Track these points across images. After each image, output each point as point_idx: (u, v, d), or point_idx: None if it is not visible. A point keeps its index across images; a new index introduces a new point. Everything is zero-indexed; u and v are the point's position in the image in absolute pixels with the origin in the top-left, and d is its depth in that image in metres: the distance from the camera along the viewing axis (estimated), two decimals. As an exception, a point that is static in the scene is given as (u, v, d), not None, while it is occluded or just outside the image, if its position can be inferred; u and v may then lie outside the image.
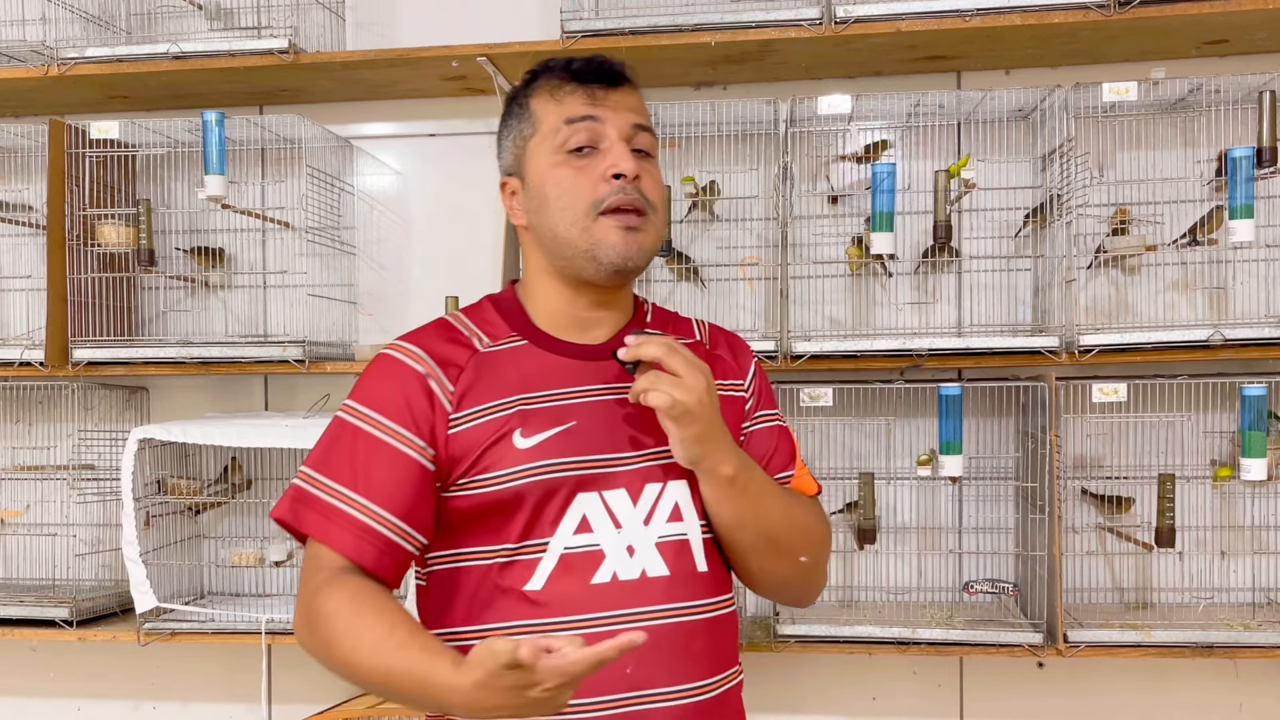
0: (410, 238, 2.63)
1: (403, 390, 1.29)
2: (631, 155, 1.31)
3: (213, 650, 2.62)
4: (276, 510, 1.30)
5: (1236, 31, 2.19)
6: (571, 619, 1.25)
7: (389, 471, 1.27)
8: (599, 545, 1.27)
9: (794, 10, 2.15)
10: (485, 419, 1.29)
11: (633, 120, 1.33)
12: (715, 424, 1.25)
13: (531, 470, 1.26)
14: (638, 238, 1.30)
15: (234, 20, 2.56)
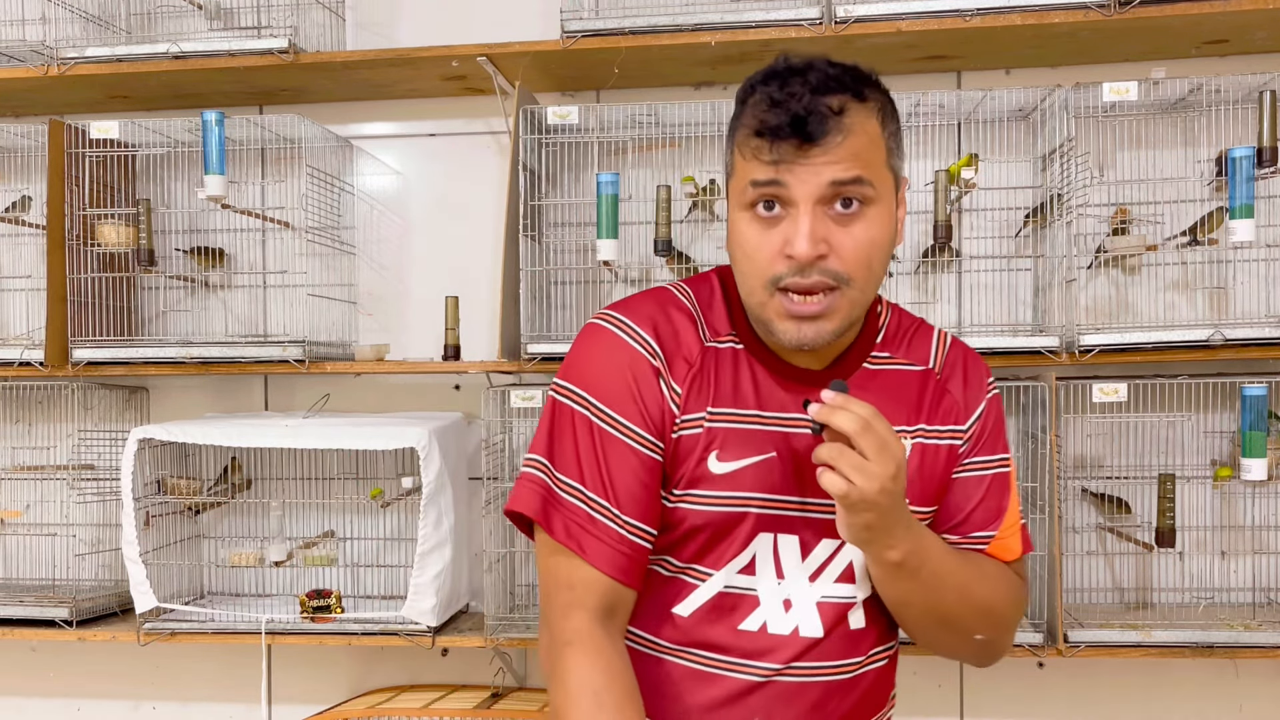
0: (410, 238, 2.63)
1: (635, 382, 1.21)
2: (822, 223, 1.12)
3: (213, 650, 2.62)
4: (516, 504, 1.22)
5: (1236, 31, 2.19)
6: (709, 655, 1.23)
7: (635, 478, 1.19)
8: (756, 591, 1.22)
9: (794, 10, 2.15)
10: (699, 429, 1.21)
11: (830, 178, 1.11)
12: (892, 512, 1.11)
13: (721, 500, 1.20)
14: (816, 325, 1.15)
15: (234, 20, 2.56)
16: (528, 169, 2.32)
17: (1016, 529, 1.28)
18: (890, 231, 1.17)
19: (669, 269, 2.41)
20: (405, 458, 2.44)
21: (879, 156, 1.14)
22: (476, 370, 2.40)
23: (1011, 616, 1.27)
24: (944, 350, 1.29)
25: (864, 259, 1.14)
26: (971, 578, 1.22)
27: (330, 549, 2.54)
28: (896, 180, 1.19)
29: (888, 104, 1.17)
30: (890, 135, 1.17)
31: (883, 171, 1.14)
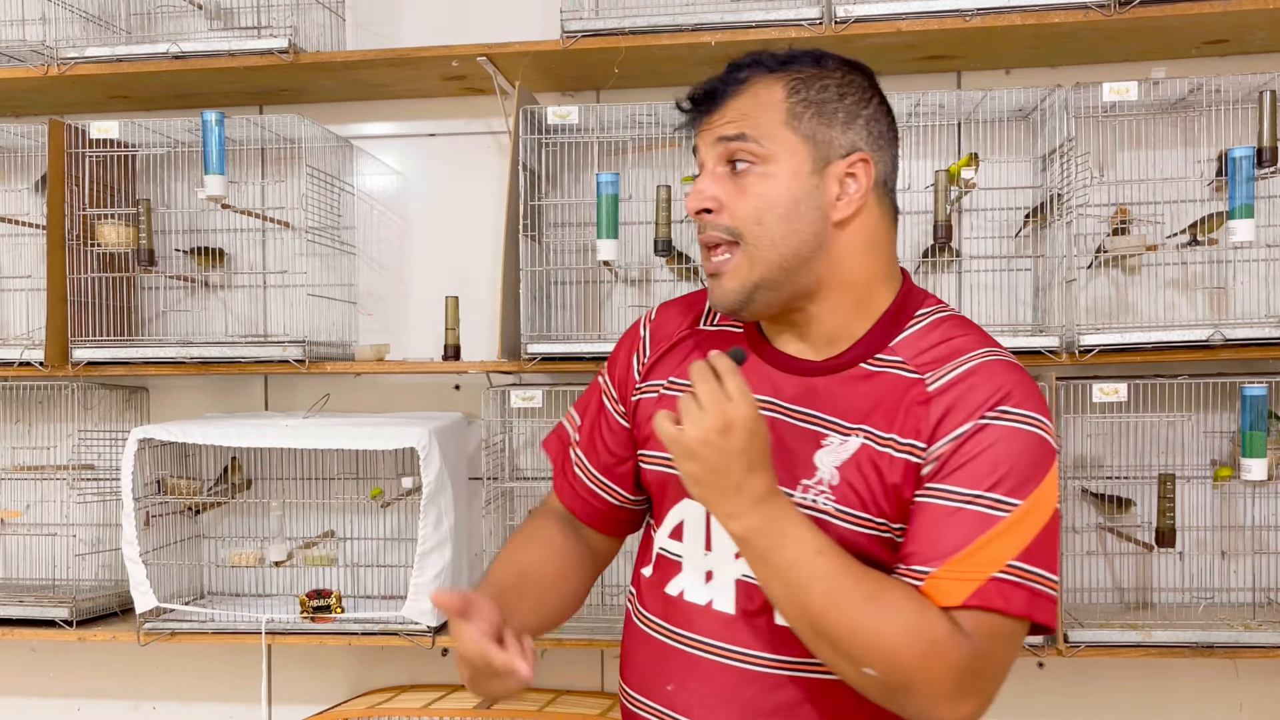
0: (410, 238, 2.63)
1: (619, 354, 1.43)
2: (717, 181, 1.21)
3: (213, 650, 2.62)
4: (547, 439, 1.53)
5: (1236, 31, 2.19)
6: (652, 616, 1.31)
7: (604, 432, 1.41)
8: (681, 558, 1.27)
9: (794, 10, 2.15)
10: (655, 394, 1.32)
11: (715, 135, 1.21)
12: (722, 472, 1.10)
13: (658, 460, 1.30)
14: (720, 283, 1.21)
15: (234, 20, 2.56)
16: (528, 169, 2.32)
17: (973, 578, 1.10)
18: (790, 191, 1.19)
19: (669, 269, 2.41)
20: (405, 458, 2.44)
21: (773, 118, 1.19)
22: (476, 370, 2.40)
23: (911, 662, 1.08)
24: (959, 369, 1.17)
25: (752, 215, 1.19)
26: (856, 594, 1.09)
27: (330, 549, 2.54)
28: (820, 147, 1.20)
29: (820, 76, 1.22)
30: (803, 102, 1.20)
31: (778, 131, 1.19)
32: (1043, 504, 1.13)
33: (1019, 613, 1.12)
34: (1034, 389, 1.18)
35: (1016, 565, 1.11)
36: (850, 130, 1.21)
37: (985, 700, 1.14)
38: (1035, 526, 1.12)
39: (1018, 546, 1.11)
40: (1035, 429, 1.14)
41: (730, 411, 1.09)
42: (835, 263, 1.21)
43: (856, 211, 1.20)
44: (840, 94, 1.22)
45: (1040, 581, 1.13)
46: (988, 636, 1.12)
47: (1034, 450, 1.13)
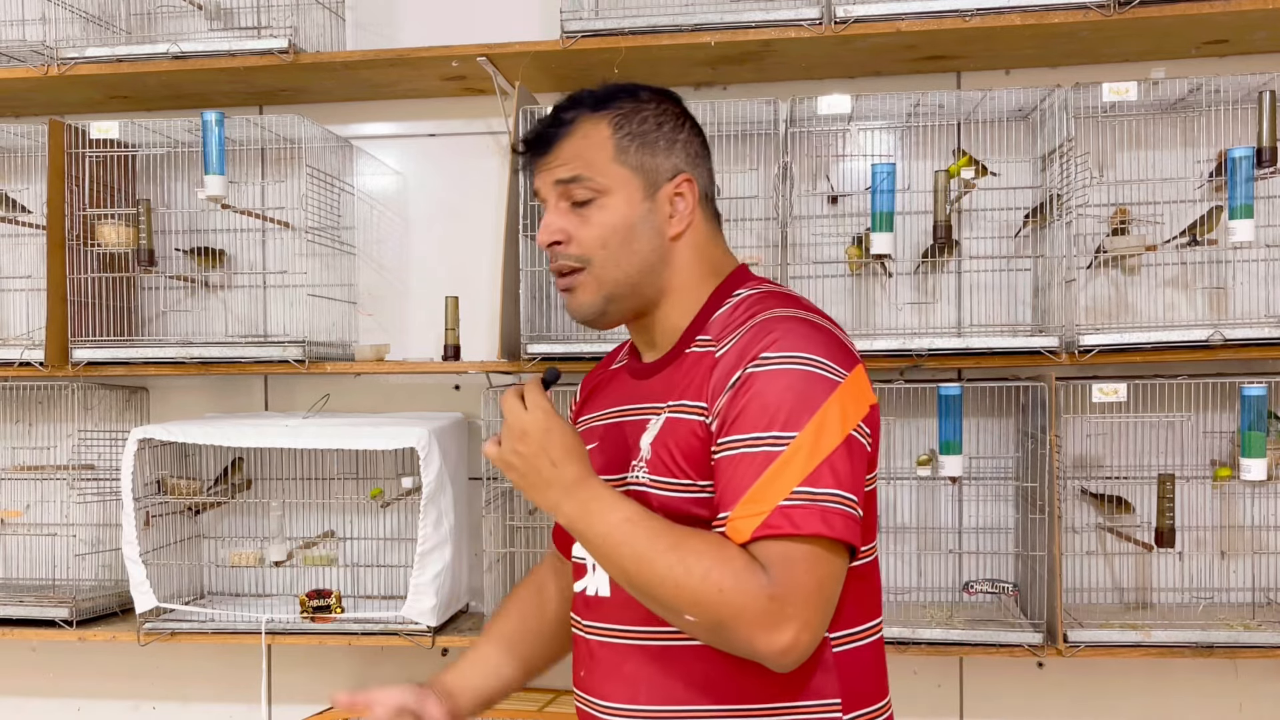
0: (410, 238, 2.63)
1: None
2: (561, 215, 1.35)
3: (213, 650, 2.62)
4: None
5: (1236, 31, 2.19)
6: (573, 615, 1.44)
7: None
8: (585, 560, 1.39)
9: (794, 10, 2.15)
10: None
11: (555, 178, 1.35)
12: (532, 474, 1.26)
13: None
14: (574, 297, 1.36)
15: (234, 20, 2.57)
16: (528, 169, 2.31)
17: (760, 511, 1.18)
18: (627, 218, 1.33)
19: (669, 269, 2.41)
20: (405, 458, 2.44)
21: (603, 155, 1.34)
22: (476, 370, 2.40)
23: (714, 600, 1.16)
24: (741, 331, 1.28)
25: (596, 240, 1.33)
26: (659, 548, 1.19)
27: (330, 549, 2.54)
28: (648, 175, 1.34)
29: (639, 109, 1.36)
30: (628, 136, 1.34)
31: (609, 168, 1.33)
32: (825, 431, 1.20)
33: (811, 532, 1.18)
34: (805, 330, 1.26)
35: (802, 490, 1.18)
36: (672, 155, 1.36)
37: (806, 624, 1.17)
38: (820, 453, 1.19)
39: (801, 473, 1.19)
40: (799, 365, 1.22)
41: (524, 420, 1.26)
42: (674, 271, 1.36)
43: (688, 225, 1.36)
44: (658, 123, 1.36)
45: (830, 500, 1.19)
46: (783, 563, 1.17)
47: (800, 384, 1.22)
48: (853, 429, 1.22)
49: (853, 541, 1.21)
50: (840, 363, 1.24)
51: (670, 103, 1.40)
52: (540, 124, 1.39)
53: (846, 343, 1.29)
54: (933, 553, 2.41)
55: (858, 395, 1.24)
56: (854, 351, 1.29)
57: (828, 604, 1.20)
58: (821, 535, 1.18)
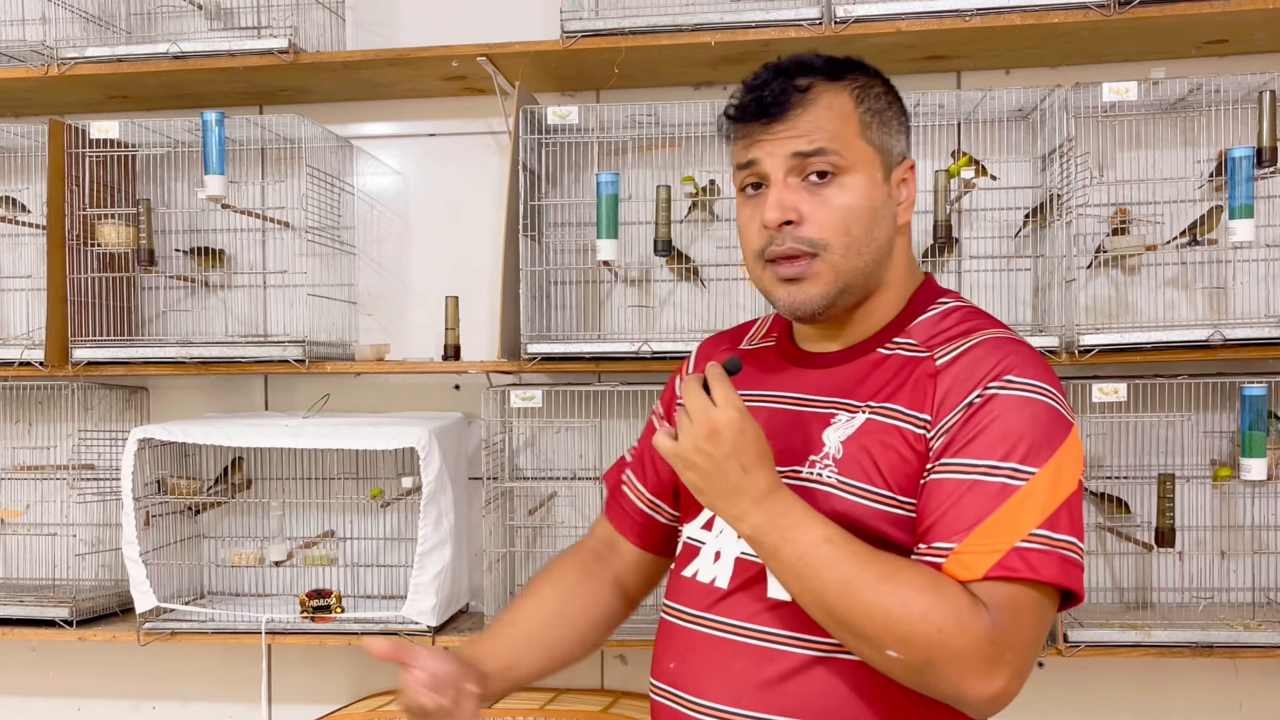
0: (410, 238, 2.63)
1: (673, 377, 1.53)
2: (793, 192, 1.22)
3: (213, 650, 2.62)
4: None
5: (1236, 31, 2.19)
6: (668, 601, 1.35)
7: (643, 448, 1.51)
8: (704, 544, 1.31)
9: (794, 10, 2.15)
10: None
11: (792, 150, 1.21)
12: (718, 476, 1.15)
13: None
14: (802, 288, 1.23)
15: (234, 20, 2.57)
16: (528, 169, 2.32)
17: (995, 549, 1.10)
18: (870, 200, 1.23)
19: (669, 269, 2.41)
20: (405, 458, 2.44)
21: (849, 129, 1.22)
22: (476, 370, 2.40)
23: (931, 639, 1.08)
24: (965, 344, 1.20)
25: (839, 224, 1.21)
26: (868, 577, 1.10)
27: (330, 549, 2.54)
28: (886, 155, 1.25)
29: (872, 84, 1.26)
30: (869, 111, 1.24)
31: (855, 143, 1.22)
32: (1063, 472, 1.13)
33: (1049, 579, 1.10)
34: (1040, 361, 1.19)
35: (1040, 534, 1.11)
36: (902, 136, 1.28)
37: (1017, 672, 1.10)
38: (1058, 495, 1.12)
39: (1041, 514, 1.11)
40: (1043, 397, 1.15)
41: (716, 417, 1.14)
42: (894, 263, 1.28)
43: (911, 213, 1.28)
44: (889, 102, 1.27)
45: (1068, 548, 1.12)
46: (1011, 608, 1.10)
47: (1044, 416, 1.14)
48: (1080, 476, 1.16)
49: (1080, 592, 1.14)
50: (1066, 406, 1.18)
51: (888, 82, 1.30)
52: (769, 88, 1.23)
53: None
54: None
55: (1079, 440, 1.18)
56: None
57: (1038, 648, 1.14)
58: (1058, 584, 1.11)
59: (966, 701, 1.10)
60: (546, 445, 2.51)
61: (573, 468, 2.50)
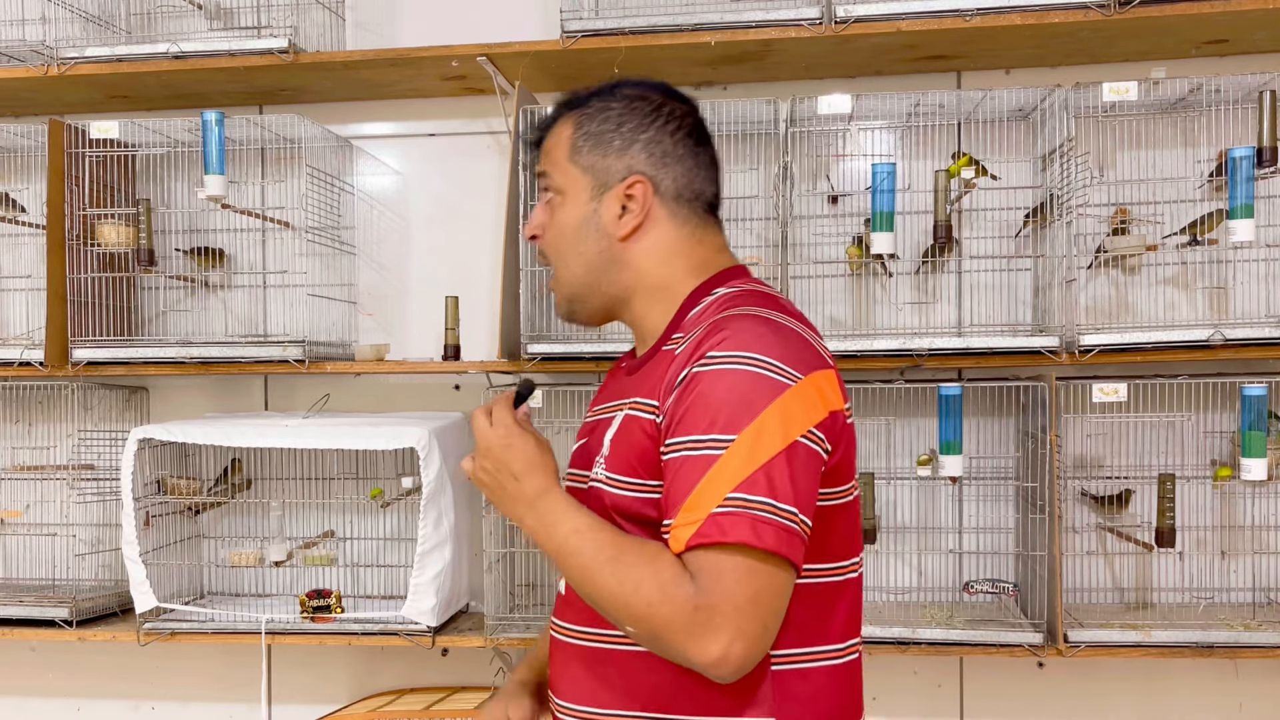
0: (410, 238, 2.63)
1: None
2: (540, 209, 1.37)
3: (212, 650, 2.62)
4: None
5: (1236, 31, 2.19)
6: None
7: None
8: None
9: (794, 10, 2.15)
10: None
11: (537, 172, 1.38)
12: (498, 490, 1.28)
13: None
14: (555, 295, 1.39)
15: (234, 20, 2.56)
16: (528, 169, 2.32)
17: (695, 519, 1.14)
18: (574, 218, 1.33)
19: (669, 269, 2.41)
20: (405, 458, 2.44)
21: (562, 155, 1.35)
22: (476, 370, 2.40)
23: (646, 611, 1.14)
24: (698, 332, 1.24)
25: (554, 240, 1.36)
26: (602, 559, 1.18)
27: (330, 549, 2.54)
28: (598, 175, 1.33)
29: (601, 110, 1.35)
30: (584, 135, 1.34)
31: (565, 167, 1.34)
32: (764, 436, 1.14)
33: (736, 540, 1.12)
34: (760, 332, 1.20)
35: (734, 496, 1.13)
36: (626, 155, 1.32)
37: (739, 634, 1.12)
38: (758, 458, 1.13)
39: (736, 479, 1.13)
40: (743, 366, 1.17)
41: (487, 437, 1.28)
42: (637, 272, 1.34)
43: (639, 226, 1.32)
44: (619, 123, 1.33)
45: (763, 509, 1.12)
46: (712, 573, 1.13)
47: (743, 385, 1.16)
48: (800, 435, 1.15)
49: (787, 556, 1.13)
50: (795, 365, 1.18)
51: (645, 101, 1.35)
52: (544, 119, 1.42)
53: (814, 347, 1.23)
54: (933, 553, 2.41)
55: (810, 400, 1.17)
56: (820, 356, 1.23)
57: (769, 616, 1.14)
58: (745, 544, 1.11)
59: (696, 666, 1.14)
60: (546, 445, 2.51)
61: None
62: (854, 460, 1.28)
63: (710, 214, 1.37)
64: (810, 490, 1.17)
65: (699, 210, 1.36)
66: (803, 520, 1.15)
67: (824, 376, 1.20)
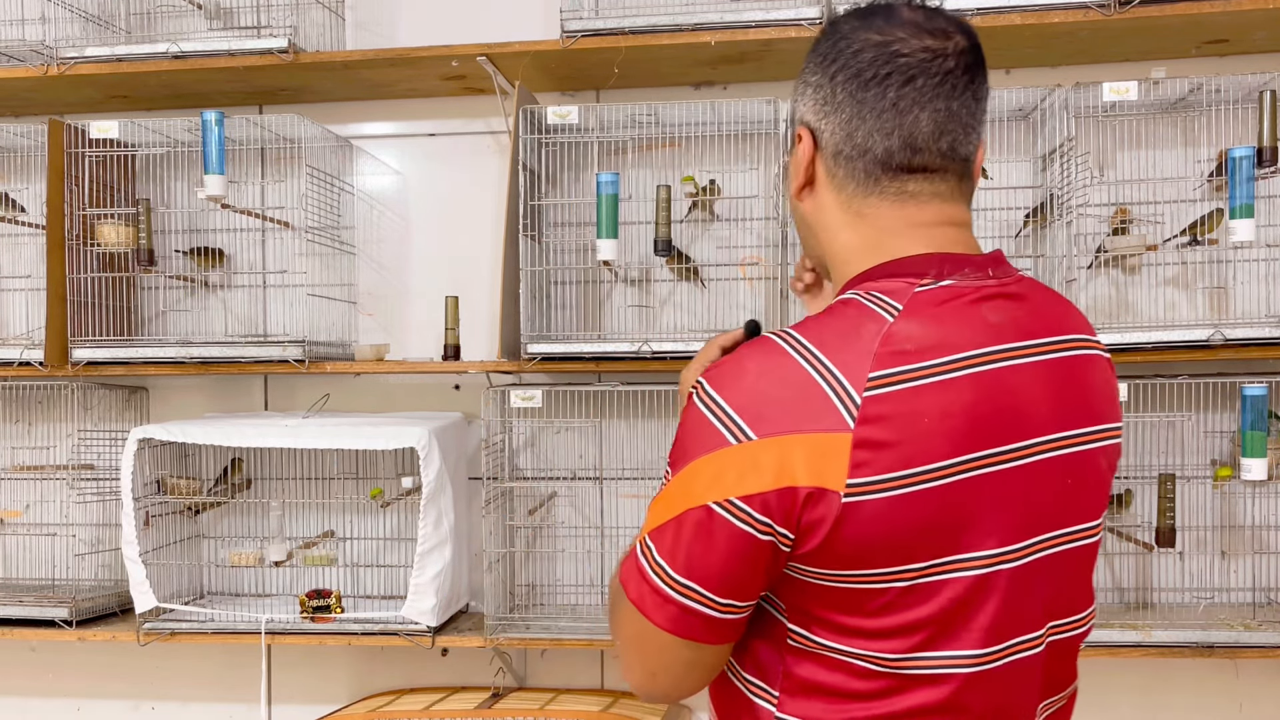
0: (410, 238, 2.62)
1: None
2: None
3: (212, 650, 2.62)
4: None
5: (1236, 31, 2.19)
6: None
7: None
8: None
9: (794, 10, 2.15)
10: None
11: None
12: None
13: None
14: None
15: (234, 20, 2.56)
16: (528, 169, 2.32)
17: (632, 546, 1.04)
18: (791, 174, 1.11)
19: (669, 269, 2.41)
20: (405, 458, 2.44)
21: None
22: (476, 370, 2.40)
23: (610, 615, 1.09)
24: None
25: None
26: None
27: (330, 549, 2.54)
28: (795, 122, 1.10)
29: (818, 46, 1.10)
30: (800, 82, 1.10)
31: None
32: (684, 486, 0.98)
33: (622, 581, 1.03)
34: (743, 372, 0.98)
35: (646, 541, 1.01)
36: (800, 102, 1.09)
37: (628, 669, 1.06)
38: (672, 508, 0.99)
39: (653, 522, 1.00)
40: (700, 403, 0.99)
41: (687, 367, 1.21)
42: (816, 237, 1.10)
43: (804, 185, 1.08)
44: (807, 62, 1.09)
45: (651, 564, 0.99)
46: (617, 603, 1.05)
47: (692, 421, 0.99)
48: (715, 502, 0.95)
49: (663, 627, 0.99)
50: (755, 422, 0.95)
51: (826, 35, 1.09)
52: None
53: (824, 402, 0.94)
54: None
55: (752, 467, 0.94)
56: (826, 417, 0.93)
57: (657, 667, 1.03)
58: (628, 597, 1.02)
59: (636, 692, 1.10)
60: (546, 445, 2.51)
61: (572, 468, 2.50)
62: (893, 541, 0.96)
63: (885, 174, 1.03)
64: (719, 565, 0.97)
65: (861, 171, 1.04)
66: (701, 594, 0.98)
67: (802, 443, 0.93)
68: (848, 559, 0.96)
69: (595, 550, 2.49)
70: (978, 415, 0.96)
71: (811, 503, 0.94)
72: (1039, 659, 1.03)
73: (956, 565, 0.97)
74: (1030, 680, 1.03)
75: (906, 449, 0.93)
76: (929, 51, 1.02)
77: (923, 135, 1.02)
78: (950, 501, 0.95)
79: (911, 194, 1.03)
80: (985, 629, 0.98)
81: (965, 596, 0.98)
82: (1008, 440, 0.98)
